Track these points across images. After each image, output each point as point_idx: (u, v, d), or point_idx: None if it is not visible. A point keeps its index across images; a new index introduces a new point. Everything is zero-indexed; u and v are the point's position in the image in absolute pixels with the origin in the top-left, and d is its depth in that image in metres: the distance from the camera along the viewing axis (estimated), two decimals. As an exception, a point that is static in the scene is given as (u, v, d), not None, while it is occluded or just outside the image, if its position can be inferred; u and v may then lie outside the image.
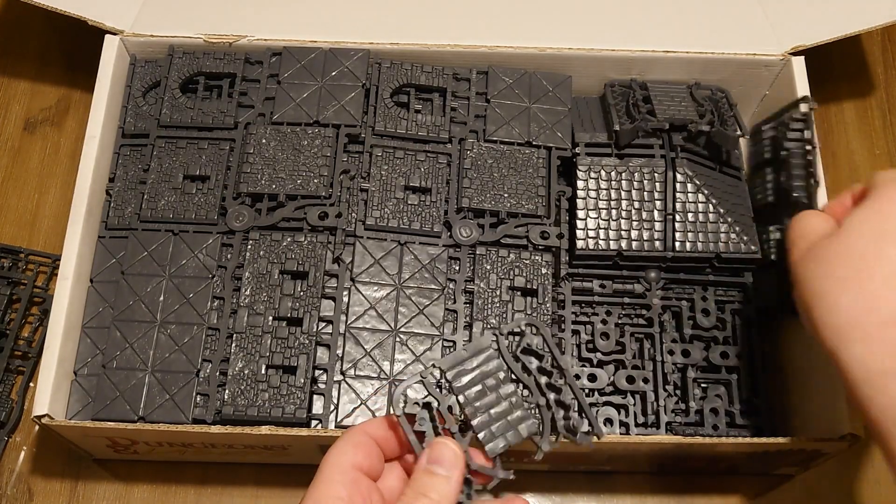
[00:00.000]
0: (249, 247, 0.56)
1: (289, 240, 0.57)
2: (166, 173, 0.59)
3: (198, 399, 0.53)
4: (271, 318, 0.54)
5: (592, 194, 0.59)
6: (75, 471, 0.60)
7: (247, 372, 0.53)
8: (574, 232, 0.58)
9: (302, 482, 0.59)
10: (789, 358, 0.59)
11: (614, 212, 0.58)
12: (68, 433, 0.53)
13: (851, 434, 0.51)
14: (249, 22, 0.64)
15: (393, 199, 0.59)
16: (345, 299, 0.56)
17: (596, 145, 0.60)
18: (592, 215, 0.58)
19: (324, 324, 0.55)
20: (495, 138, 0.61)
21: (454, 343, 0.56)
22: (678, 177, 0.58)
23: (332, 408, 0.53)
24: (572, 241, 0.58)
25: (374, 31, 0.64)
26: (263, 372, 0.53)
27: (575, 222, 0.58)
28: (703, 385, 0.57)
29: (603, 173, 0.59)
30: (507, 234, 0.58)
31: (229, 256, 0.57)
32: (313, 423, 0.53)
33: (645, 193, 0.59)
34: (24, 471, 0.60)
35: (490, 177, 0.60)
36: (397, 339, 0.55)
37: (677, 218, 0.58)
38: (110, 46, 0.62)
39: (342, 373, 0.54)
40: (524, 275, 0.57)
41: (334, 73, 0.62)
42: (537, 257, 0.58)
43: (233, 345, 0.54)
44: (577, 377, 0.56)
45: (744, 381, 0.57)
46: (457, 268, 0.58)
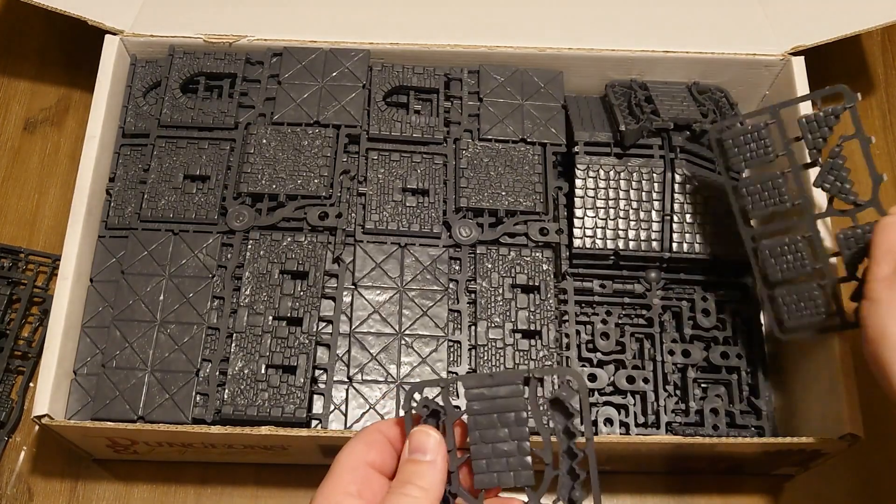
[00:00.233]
0: (249, 247, 0.56)
1: (289, 240, 0.57)
2: (166, 173, 0.59)
3: (197, 399, 0.53)
4: (271, 317, 0.54)
5: (591, 193, 0.59)
6: (75, 471, 0.60)
7: (246, 372, 0.53)
8: (572, 230, 0.58)
9: (302, 482, 0.59)
10: (789, 358, 0.59)
11: (612, 211, 0.58)
12: (68, 433, 0.53)
13: (851, 434, 0.50)
14: (250, 22, 0.64)
15: (391, 202, 0.59)
16: (346, 301, 0.56)
17: (595, 144, 0.60)
18: (590, 214, 0.59)
19: (324, 324, 0.55)
20: (490, 137, 0.61)
21: (459, 343, 0.56)
22: (677, 177, 0.58)
23: (332, 408, 0.53)
24: (570, 240, 0.58)
25: (373, 31, 0.64)
26: (263, 372, 0.53)
27: (573, 221, 0.58)
28: (703, 385, 0.57)
29: (602, 172, 0.59)
30: (506, 233, 0.58)
31: (229, 256, 0.57)
32: (313, 422, 0.53)
33: (643, 193, 0.59)
34: (24, 471, 0.59)
35: (487, 175, 0.60)
36: (402, 341, 0.55)
37: (675, 219, 0.58)
38: (110, 46, 0.62)
39: (349, 378, 0.54)
40: (525, 272, 0.57)
41: (335, 74, 0.62)
42: (538, 254, 0.58)
43: (232, 344, 0.54)
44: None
45: (744, 381, 0.57)
46: (458, 268, 0.58)
